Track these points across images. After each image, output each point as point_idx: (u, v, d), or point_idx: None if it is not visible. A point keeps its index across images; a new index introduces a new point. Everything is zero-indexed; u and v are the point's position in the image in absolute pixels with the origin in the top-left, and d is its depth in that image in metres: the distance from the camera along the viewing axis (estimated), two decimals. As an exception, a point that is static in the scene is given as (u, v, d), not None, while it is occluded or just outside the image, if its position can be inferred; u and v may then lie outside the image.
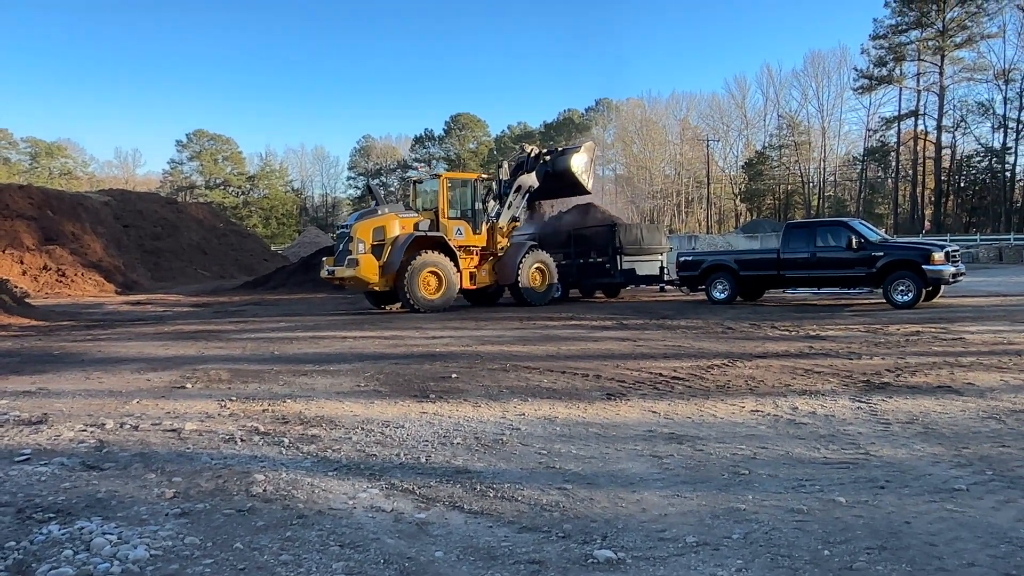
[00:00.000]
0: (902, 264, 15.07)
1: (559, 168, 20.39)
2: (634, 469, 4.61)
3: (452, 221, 18.31)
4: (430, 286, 17.22)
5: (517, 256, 18.91)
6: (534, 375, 8.15)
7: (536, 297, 19.07)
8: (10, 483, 4.49)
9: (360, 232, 17.06)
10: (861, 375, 7.63)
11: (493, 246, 19.21)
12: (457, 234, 18.23)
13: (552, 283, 19.63)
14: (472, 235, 18.63)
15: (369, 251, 16.92)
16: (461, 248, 18.29)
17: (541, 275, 19.42)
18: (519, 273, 18.71)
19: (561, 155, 20.68)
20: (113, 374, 8.89)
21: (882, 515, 3.72)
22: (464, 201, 18.93)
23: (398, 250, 16.93)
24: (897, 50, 63.35)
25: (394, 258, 16.90)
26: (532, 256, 19.12)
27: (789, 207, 78.24)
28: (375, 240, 17.06)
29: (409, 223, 17.64)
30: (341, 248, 17.52)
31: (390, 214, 17.61)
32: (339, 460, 4.93)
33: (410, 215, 18.04)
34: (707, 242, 43.99)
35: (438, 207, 18.22)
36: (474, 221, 18.76)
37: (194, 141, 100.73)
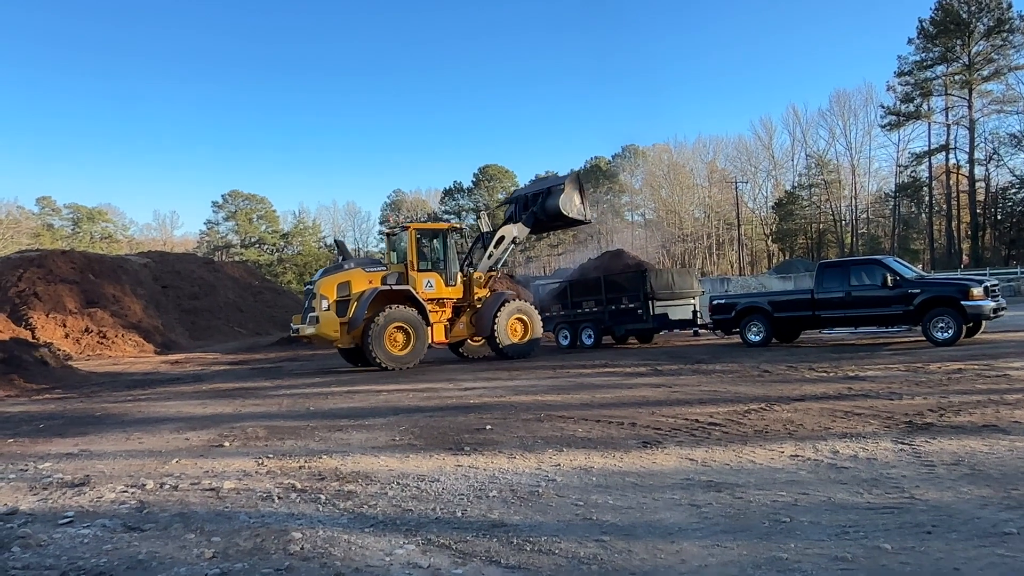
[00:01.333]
0: (941, 301, 14.81)
1: (550, 211, 19.89)
2: (672, 519, 4.54)
3: (422, 273, 17.83)
4: (397, 342, 16.80)
5: (493, 308, 18.38)
6: (569, 424, 8.10)
7: (516, 350, 18.51)
8: (54, 546, 4.55)
9: (323, 288, 16.77)
10: (903, 416, 7.47)
11: (471, 298, 18.70)
12: (427, 286, 17.74)
13: (535, 336, 19.03)
14: (444, 287, 18.09)
15: (332, 308, 16.63)
16: (432, 301, 17.81)
17: (523, 327, 18.88)
18: (495, 325, 18.18)
19: (548, 196, 19.98)
20: (153, 434, 9.01)
21: (930, 562, 3.62)
22: (436, 252, 18.44)
23: (362, 305, 16.66)
24: (924, 85, 63.08)
25: (358, 314, 16.61)
26: (510, 307, 18.56)
27: (822, 246, 77.43)
28: (339, 296, 16.78)
29: (376, 277, 17.29)
30: (307, 305, 17.29)
31: (356, 269, 17.29)
32: (375, 516, 4.92)
33: (377, 269, 17.64)
34: (740, 284, 43.59)
35: (408, 259, 17.83)
36: (446, 272, 18.24)
37: (229, 201, 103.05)
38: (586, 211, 20.38)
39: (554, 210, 19.64)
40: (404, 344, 16.83)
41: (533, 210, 20.04)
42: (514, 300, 18.96)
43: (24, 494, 6.01)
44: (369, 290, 16.88)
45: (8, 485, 6.38)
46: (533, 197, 20.39)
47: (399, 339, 16.79)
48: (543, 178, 21.11)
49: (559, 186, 19.81)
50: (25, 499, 5.83)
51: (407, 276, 17.60)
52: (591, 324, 21.17)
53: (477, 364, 17.64)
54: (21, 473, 6.90)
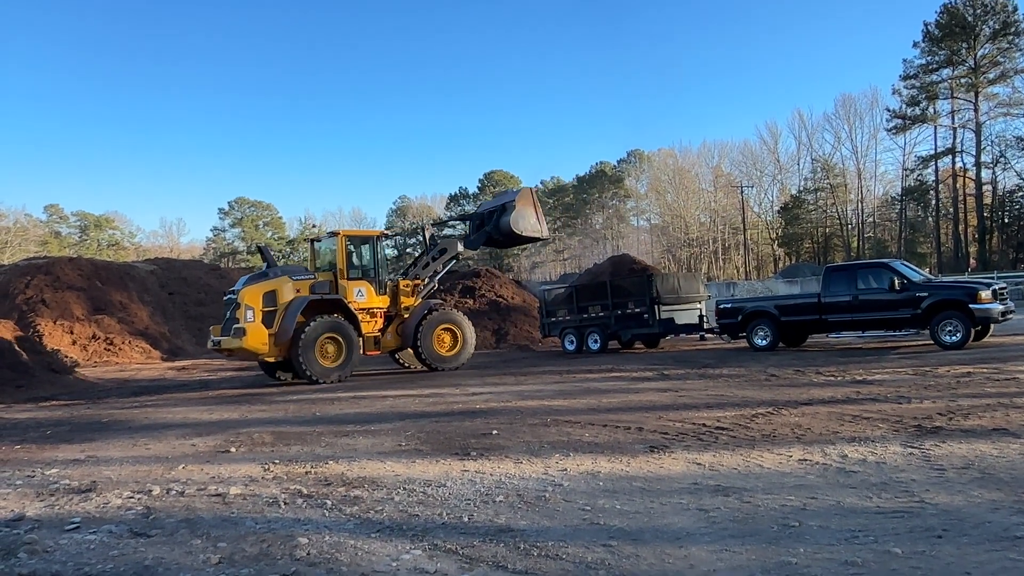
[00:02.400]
0: (948, 304, 14.76)
1: (504, 230, 18.87)
2: (680, 523, 4.51)
3: (353, 282, 16.94)
4: (328, 353, 15.94)
5: (417, 318, 17.58)
6: (575, 429, 8.08)
7: (443, 361, 17.71)
8: (60, 552, 4.55)
9: (248, 298, 15.65)
10: (912, 419, 7.43)
11: (397, 307, 17.84)
12: (358, 295, 16.89)
13: (466, 348, 18.18)
14: (375, 296, 17.27)
15: (259, 319, 15.55)
16: (363, 311, 16.98)
17: (452, 337, 18.08)
18: (419, 336, 17.41)
19: (503, 214, 18.93)
20: (159, 440, 9.02)
21: (941, 566, 3.58)
22: (366, 260, 17.62)
23: (291, 316, 15.64)
24: (929, 89, 62.91)
25: (287, 325, 15.57)
26: (436, 317, 17.76)
27: (828, 250, 77.23)
28: (265, 306, 15.70)
29: (304, 286, 16.31)
30: (228, 316, 16.10)
31: (282, 277, 16.26)
32: (382, 521, 4.91)
33: (305, 277, 16.62)
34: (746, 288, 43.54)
35: (337, 267, 16.93)
36: (377, 281, 17.42)
37: (235, 208, 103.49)
38: (541, 227, 19.36)
39: (507, 228, 18.71)
40: (336, 356, 16.01)
41: (486, 229, 19.24)
42: (442, 310, 18.25)
43: (31, 500, 6.02)
44: (298, 299, 15.95)
45: (15, 491, 6.39)
46: (488, 215, 19.57)
47: (330, 350, 15.97)
48: (500, 193, 20.23)
49: (512, 203, 18.89)
50: (32, 505, 5.83)
51: (336, 285, 16.76)
52: (597, 329, 21.14)
53: (483, 369, 17.60)
54: (28, 479, 6.91)
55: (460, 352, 18.09)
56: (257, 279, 16.28)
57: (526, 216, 18.78)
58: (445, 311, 18.23)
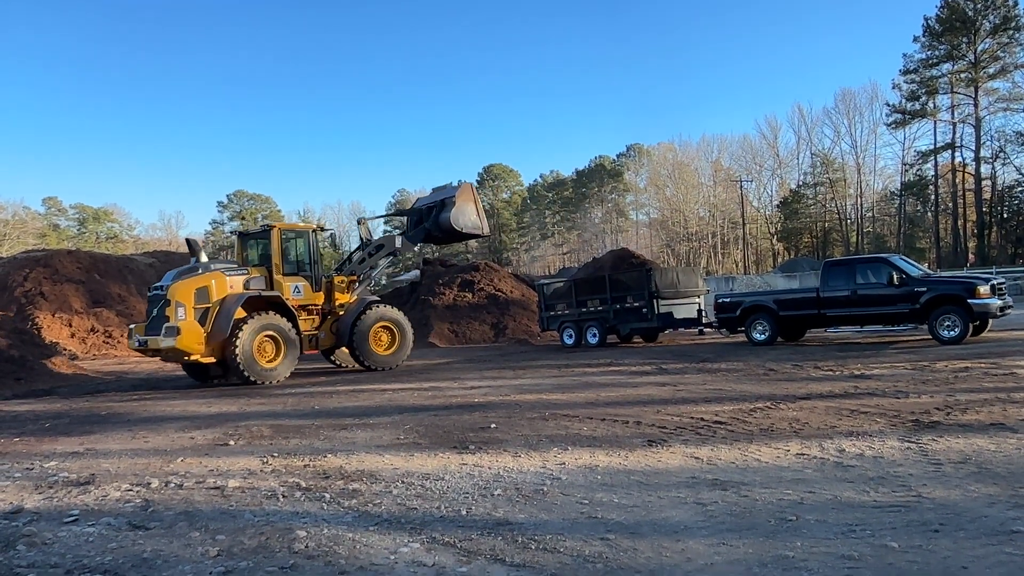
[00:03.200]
0: (947, 299, 14.77)
1: (444, 227, 18.37)
2: (678, 517, 4.52)
3: (289, 278, 16.25)
4: (266, 353, 15.11)
5: (353, 315, 16.91)
6: (573, 423, 8.09)
7: (380, 360, 17.08)
8: (59, 544, 4.56)
9: (180, 294, 14.62)
10: (909, 414, 7.44)
11: (332, 304, 17.18)
12: (295, 292, 16.23)
13: (404, 346, 17.60)
14: (312, 293, 16.64)
15: (192, 316, 14.59)
16: (300, 308, 16.34)
17: (389, 335, 17.43)
18: (353, 334, 16.74)
19: (442, 210, 18.43)
20: (158, 433, 9.03)
21: (937, 560, 3.60)
22: (301, 255, 16.86)
23: (227, 313, 14.74)
24: (929, 84, 62.80)
25: (222, 323, 14.65)
26: (374, 314, 17.06)
27: (827, 245, 77.22)
28: (198, 303, 14.74)
29: (238, 282, 15.44)
30: (155, 314, 14.93)
31: (216, 271, 15.28)
32: (380, 514, 4.92)
33: (239, 273, 15.68)
34: (745, 283, 43.54)
35: (272, 262, 16.11)
36: (313, 277, 16.76)
37: (234, 201, 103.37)
38: (482, 224, 18.92)
39: (446, 224, 18.22)
40: (274, 355, 15.23)
41: (425, 226, 18.69)
42: (380, 307, 17.48)
43: (30, 492, 6.03)
44: (233, 296, 15.08)
45: (14, 484, 6.40)
46: (427, 211, 18.95)
47: (269, 350, 15.14)
48: (439, 188, 19.76)
49: (451, 199, 18.42)
50: (31, 497, 5.84)
51: (271, 281, 16.00)
52: (596, 323, 21.15)
53: (482, 363, 17.60)
54: (27, 472, 6.92)
55: (398, 351, 17.48)
56: (187, 274, 15.23)
57: (467, 212, 18.37)
58: (382, 308, 17.51)
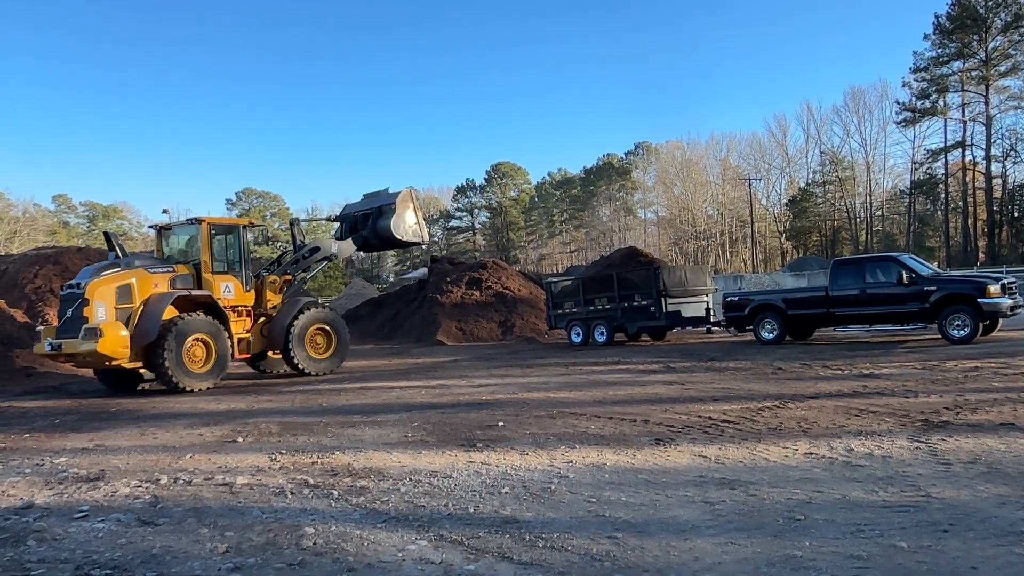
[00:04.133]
0: (957, 298, 14.68)
1: (382, 234, 17.58)
2: (686, 516, 4.52)
3: (219, 276, 15.00)
4: (196, 358, 13.83)
5: (288, 317, 15.80)
6: (581, 421, 8.09)
7: (317, 365, 16.09)
8: (69, 540, 4.58)
9: (99, 293, 13.24)
10: (919, 414, 7.41)
11: (263, 305, 16.02)
12: (226, 292, 15.02)
13: (340, 350, 16.70)
14: (242, 292, 15.45)
15: (113, 317, 13.24)
16: (231, 308, 15.12)
17: (325, 338, 16.46)
18: (290, 337, 15.62)
19: (380, 217, 17.62)
20: (167, 429, 9.07)
21: (947, 560, 3.58)
22: (231, 252, 15.61)
23: (153, 314, 13.43)
24: (939, 82, 62.47)
25: (149, 325, 13.33)
26: (309, 316, 16.06)
27: (836, 243, 76.90)
28: (119, 303, 13.40)
29: (164, 280, 14.14)
30: (70, 315, 13.43)
31: (137, 269, 13.92)
32: (388, 512, 4.93)
33: (163, 270, 14.33)
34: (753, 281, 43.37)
35: (200, 259, 14.82)
36: (244, 276, 15.52)
37: (243, 199, 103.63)
38: (422, 231, 18.17)
39: (386, 233, 17.44)
40: (205, 360, 13.98)
41: (363, 234, 17.81)
42: (316, 308, 16.49)
43: (40, 488, 6.06)
44: (160, 295, 13.81)
45: (24, 479, 6.43)
46: (363, 217, 18.07)
47: (199, 354, 13.91)
48: (373, 194, 18.85)
49: (390, 206, 17.53)
50: (41, 493, 5.88)
51: (199, 279, 14.75)
52: (604, 321, 21.12)
53: (490, 361, 17.59)
54: (37, 468, 6.96)
55: (334, 355, 16.58)
56: (106, 270, 13.83)
57: (407, 220, 17.66)
58: (318, 309, 16.53)
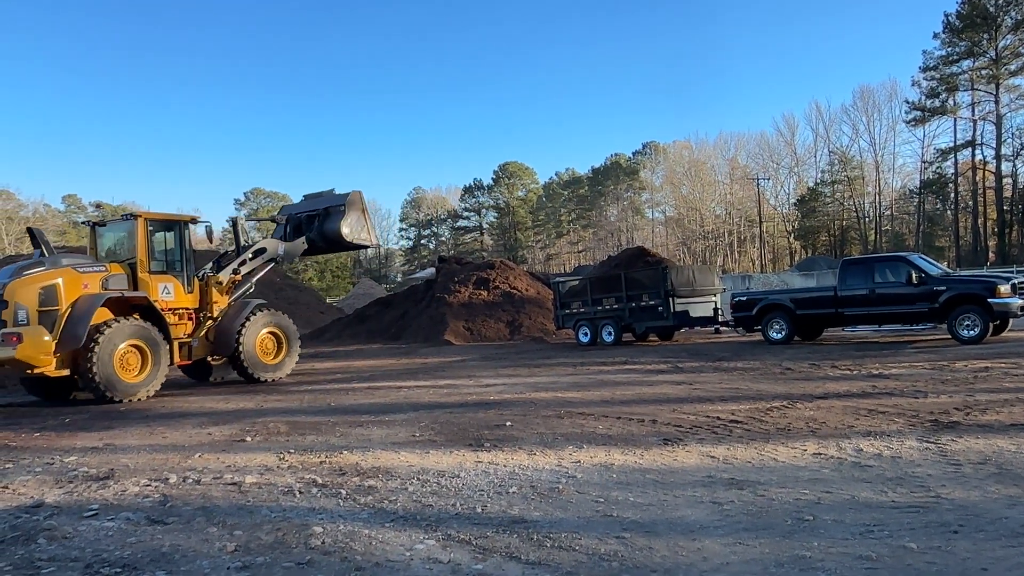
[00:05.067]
0: (966, 298, 14.62)
1: (330, 236, 16.90)
2: (694, 516, 4.51)
3: (156, 276, 13.75)
4: (130, 365, 12.66)
5: (238, 320, 14.76)
6: (589, 421, 8.08)
7: (268, 372, 15.13)
8: (79, 538, 4.61)
9: (20, 294, 12.08)
10: (928, 414, 7.38)
11: (208, 307, 14.83)
12: (164, 293, 13.81)
13: (290, 355, 15.77)
14: (183, 294, 14.27)
15: (36, 321, 12.06)
16: (171, 311, 13.95)
17: (275, 342, 15.54)
18: (240, 342, 14.61)
19: (327, 219, 16.94)
20: (176, 429, 9.10)
21: (956, 561, 3.56)
22: (171, 251, 14.40)
23: (82, 318, 12.21)
24: (949, 80, 62.17)
25: (76, 329, 12.11)
26: (261, 319, 15.14)
27: (845, 243, 76.61)
28: (43, 305, 12.19)
29: (95, 280, 12.85)
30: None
31: (65, 268, 12.66)
32: (396, 511, 4.94)
33: (94, 269, 13.06)
34: (761, 281, 43.30)
35: (136, 258, 13.51)
36: (185, 276, 14.34)
37: (251, 199, 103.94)
38: (370, 234, 17.52)
39: (335, 235, 16.74)
40: (140, 368, 12.80)
41: (309, 236, 17.03)
42: (267, 311, 15.46)
43: (50, 487, 6.10)
44: (89, 297, 12.55)
45: (34, 478, 6.47)
46: (308, 219, 17.30)
47: (133, 362, 12.72)
48: (315, 195, 18.24)
49: (339, 207, 16.87)
50: (51, 492, 5.91)
51: (135, 279, 13.47)
52: (612, 321, 21.10)
53: (497, 361, 17.59)
54: (47, 466, 7.00)
55: (284, 360, 15.64)
56: (28, 269, 12.59)
57: (358, 223, 17.08)
58: (270, 312, 15.58)
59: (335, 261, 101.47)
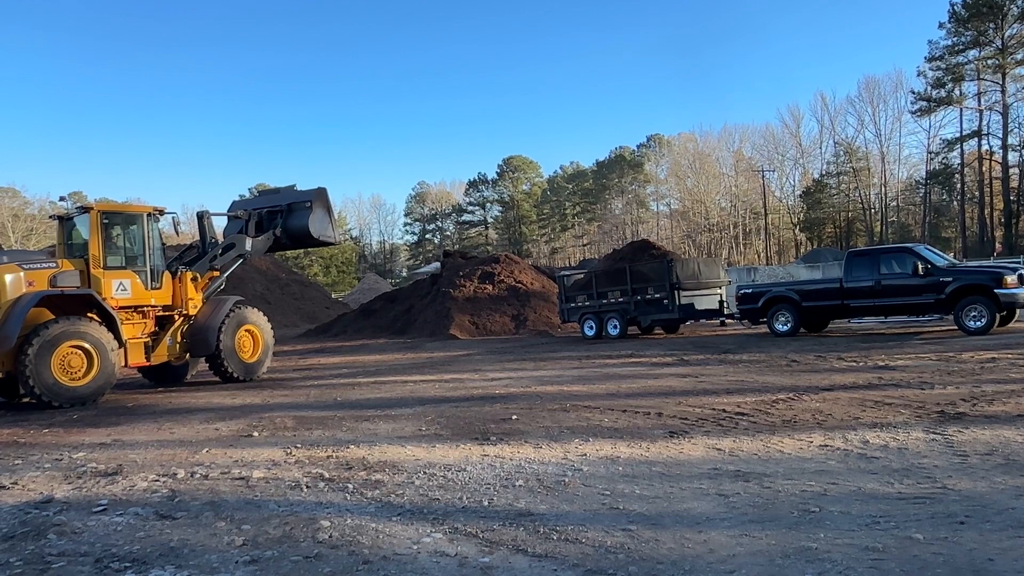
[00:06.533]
0: (973, 289, 14.58)
1: (297, 233, 16.36)
2: (700, 508, 4.52)
3: (112, 272, 12.86)
4: (72, 367, 11.73)
5: (218, 318, 14.15)
6: (595, 415, 8.09)
7: (244, 370, 14.52)
8: (88, 533, 4.64)
9: None
10: (935, 405, 7.37)
11: (183, 304, 14.04)
12: (120, 290, 12.90)
13: (265, 353, 15.18)
14: (144, 291, 13.29)
15: None
16: (131, 309, 13.16)
17: (252, 341, 14.94)
18: (220, 341, 14.00)
19: (290, 216, 16.41)
20: (183, 424, 9.14)
21: (963, 552, 3.56)
22: (132, 244, 13.59)
23: (16, 316, 11.43)
24: (955, 70, 61.83)
25: (10, 328, 11.34)
26: (239, 316, 14.63)
27: (851, 235, 76.38)
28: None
29: (41, 277, 12.09)
30: None
31: (8, 264, 11.97)
32: (403, 505, 4.95)
33: (43, 266, 12.33)
34: (767, 274, 43.17)
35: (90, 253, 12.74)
36: (148, 271, 13.39)
37: (254, 194, 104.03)
38: (334, 231, 17.24)
39: (302, 232, 16.21)
40: (84, 370, 11.83)
41: (274, 233, 16.32)
42: (244, 308, 14.95)
43: (59, 483, 6.13)
44: (27, 295, 11.75)
45: (44, 474, 6.51)
46: (269, 215, 16.62)
47: (76, 364, 11.79)
48: (271, 191, 17.98)
49: (304, 204, 16.41)
50: (60, 487, 5.94)
51: (88, 276, 12.67)
52: (617, 314, 21.09)
53: (503, 355, 17.59)
54: (56, 462, 7.03)
55: (262, 357, 15.11)
56: None
57: (324, 219, 16.68)
58: (247, 309, 15.12)
59: (340, 256, 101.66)
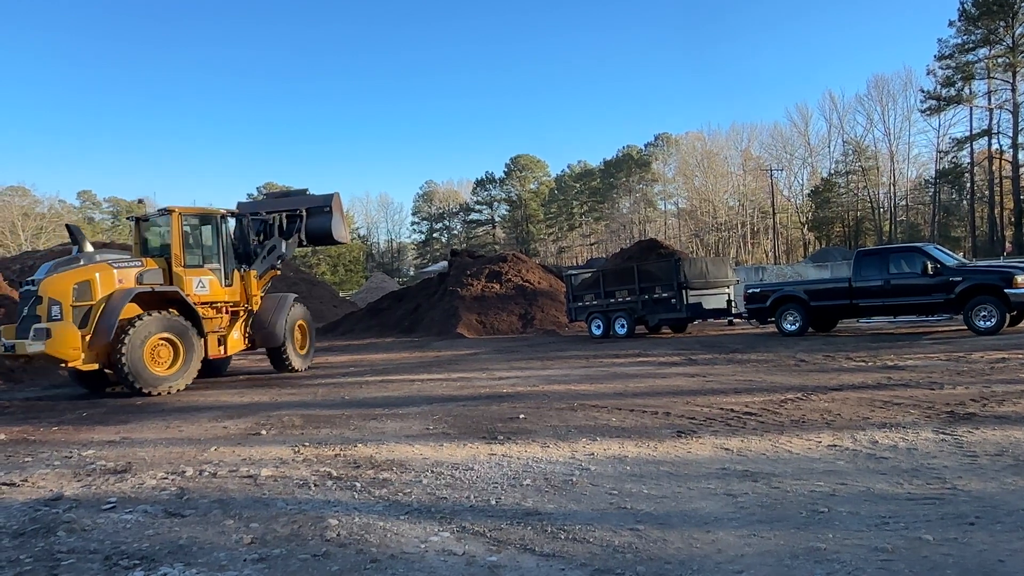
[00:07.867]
0: (983, 289, 14.51)
1: (318, 235, 17.09)
2: (708, 508, 4.51)
3: (191, 270, 13.78)
4: (161, 359, 12.66)
5: (283, 313, 15.26)
6: (602, 414, 8.08)
7: (300, 362, 15.86)
8: (98, 531, 4.66)
9: (53, 290, 12.18)
10: (944, 406, 7.33)
11: (250, 301, 15.04)
12: (199, 287, 13.82)
13: (312, 345, 16.63)
14: (220, 288, 14.26)
15: (69, 316, 12.10)
16: (207, 305, 13.99)
17: (302, 335, 16.29)
18: (286, 334, 15.25)
19: (310, 218, 16.90)
20: (192, 422, 9.17)
21: (973, 553, 3.55)
22: (208, 244, 14.51)
23: (112, 312, 12.25)
24: (965, 69, 61.49)
25: (107, 323, 12.17)
26: (297, 312, 15.96)
27: (860, 234, 76.09)
28: (77, 301, 12.22)
29: (129, 275, 12.87)
30: (26, 313, 12.48)
31: (101, 263, 12.77)
32: (410, 503, 4.96)
33: (131, 265, 13.13)
34: (775, 273, 43.01)
35: (171, 253, 13.57)
36: (223, 270, 14.39)
37: (263, 194, 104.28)
38: (346, 232, 18.31)
39: (323, 235, 17.02)
40: (171, 361, 12.81)
41: (300, 237, 16.90)
42: (298, 304, 16.11)
43: (69, 480, 6.16)
44: (121, 292, 12.57)
45: (53, 472, 6.54)
46: (290, 218, 16.88)
47: (164, 355, 12.73)
48: (280, 195, 18.73)
49: (323, 209, 16.99)
50: (70, 485, 5.97)
51: (171, 274, 13.52)
52: (624, 313, 21.07)
53: (510, 354, 17.60)
54: (65, 460, 7.07)
55: (309, 351, 16.51)
56: (65, 266, 12.80)
57: (341, 222, 17.55)
58: (301, 306, 16.27)
59: (348, 255, 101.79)
